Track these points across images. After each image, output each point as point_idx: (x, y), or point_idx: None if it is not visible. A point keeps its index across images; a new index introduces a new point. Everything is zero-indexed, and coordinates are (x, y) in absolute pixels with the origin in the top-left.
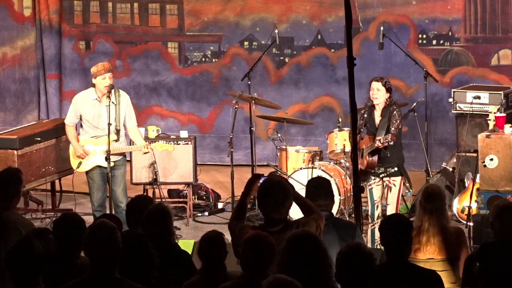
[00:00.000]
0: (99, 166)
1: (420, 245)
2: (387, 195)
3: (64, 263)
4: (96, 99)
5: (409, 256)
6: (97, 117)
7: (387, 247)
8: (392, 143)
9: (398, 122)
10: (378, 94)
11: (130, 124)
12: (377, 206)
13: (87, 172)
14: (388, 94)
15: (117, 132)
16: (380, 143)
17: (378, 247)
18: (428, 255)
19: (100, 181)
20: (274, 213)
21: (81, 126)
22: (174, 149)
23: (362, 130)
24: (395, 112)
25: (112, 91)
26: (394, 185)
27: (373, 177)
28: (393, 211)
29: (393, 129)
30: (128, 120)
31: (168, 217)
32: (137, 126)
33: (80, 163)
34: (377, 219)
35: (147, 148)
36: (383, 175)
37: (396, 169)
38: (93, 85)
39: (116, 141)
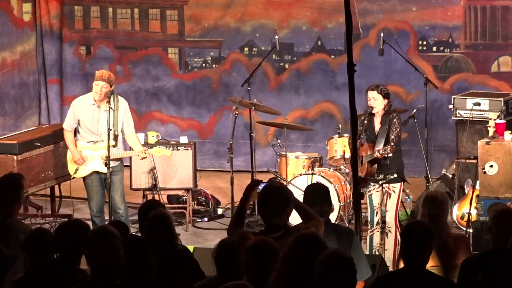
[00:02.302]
0: (97, 172)
1: None
2: (387, 201)
3: (66, 269)
4: (94, 104)
5: (426, 264)
6: (96, 122)
7: (407, 254)
8: (391, 154)
9: (397, 130)
10: (376, 103)
11: (128, 130)
12: (377, 212)
13: (84, 178)
14: (386, 100)
15: (115, 137)
16: (379, 154)
17: (377, 253)
18: (434, 262)
19: (98, 187)
20: (274, 219)
21: (78, 131)
22: (171, 155)
23: (362, 136)
24: (394, 120)
25: (111, 97)
26: (394, 191)
27: (372, 184)
28: (393, 218)
29: (392, 137)
30: (126, 126)
31: (170, 221)
32: (134, 133)
33: (77, 169)
34: (376, 225)
35: (145, 153)
36: (382, 181)
37: (395, 175)
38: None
39: (114, 146)
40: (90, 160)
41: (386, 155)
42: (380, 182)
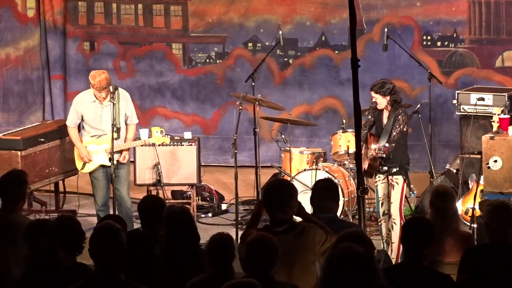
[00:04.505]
0: (103, 166)
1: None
2: (390, 193)
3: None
4: (96, 101)
5: (426, 259)
6: (98, 118)
7: (407, 248)
8: (384, 155)
9: (401, 127)
10: (378, 101)
11: (129, 121)
12: (382, 203)
13: (90, 172)
14: (388, 97)
15: (117, 130)
16: (375, 153)
17: (383, 244)
18: (437, 256)
19: (104, 181)
20: (279, 213)
21: (83, 127)
22: (169, 142)
23: (365, 131)
24: (399, 117)
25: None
26: (397, 183)
27: (378, 175)
28: (397, 209)
29: (394, 133)
30: (129, 118)
31: (191, 218)
32: (136, 125)
33: (84, 164)
34: (383, 215)
35: (124, 159)
36: (386, 173)
37: (397, 169)
38: None
39: (116, 139)
40: (95, 155)
41: (380, 155)
42: (385, 174)
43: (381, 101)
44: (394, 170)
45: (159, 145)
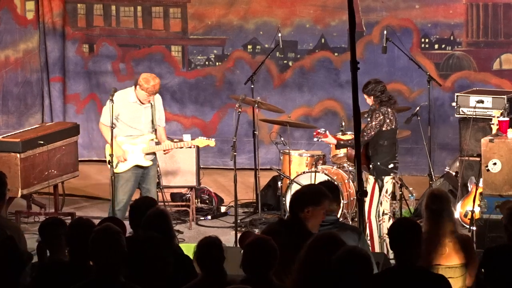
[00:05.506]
0: (137, 166)
1: (429, 249)
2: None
3: (76, 269)
4: (136, 102)
5: (418, 260)
6: (137, 118)
7: (396, 251)
8: (323, 139)
9: (372, 123)
10: (367, 101)
11: (160, 123)
12: (381, 202)
13: (120, 171)
14: (372, 97)
15: (154, 131)
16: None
17: (378, 249)
18: (436, 260)
19: (134, 182)
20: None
21: (115, 125)
22: (215, 145)
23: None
24: (373, 113)
25: None
26: (368, 183)
27: None
28: (366, 207)
29: (364, 128)
30: (162, 120)
31: (168, 220)
32: (164, 127)
33: (117, 163)
34: (383, 215)
35: (176, 146)
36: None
37: (371, 168)
38: (135, 86)
39: (152, 140)
40: (130, 154)
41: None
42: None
43: (368, 101)
44: (371, 169)
45: (202, 147)
